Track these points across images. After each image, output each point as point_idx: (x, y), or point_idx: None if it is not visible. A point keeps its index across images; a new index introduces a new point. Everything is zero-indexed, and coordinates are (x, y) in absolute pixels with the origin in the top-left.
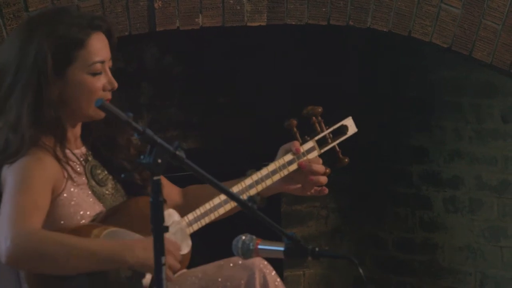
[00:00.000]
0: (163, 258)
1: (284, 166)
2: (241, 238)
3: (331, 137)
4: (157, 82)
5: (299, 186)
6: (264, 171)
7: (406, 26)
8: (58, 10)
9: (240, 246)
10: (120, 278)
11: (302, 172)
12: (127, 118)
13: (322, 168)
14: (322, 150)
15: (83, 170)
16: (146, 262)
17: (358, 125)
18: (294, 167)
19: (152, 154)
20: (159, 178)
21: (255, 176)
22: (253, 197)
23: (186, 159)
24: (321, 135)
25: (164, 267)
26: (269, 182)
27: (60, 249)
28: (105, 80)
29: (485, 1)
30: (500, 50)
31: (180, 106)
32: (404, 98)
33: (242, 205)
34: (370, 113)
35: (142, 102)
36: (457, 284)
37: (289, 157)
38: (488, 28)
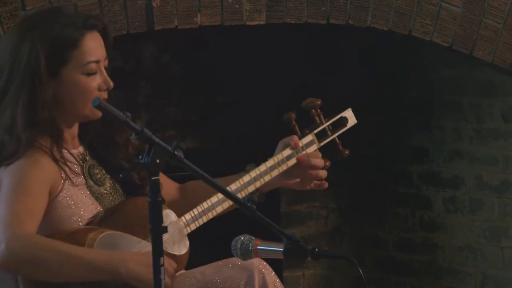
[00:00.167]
0: (162, 259)
1: (282, 161)
2: (240, 238)
3: (331, 129)
4: (155, 81)
5: (298, 180)
6: (262, 167)
7: (406, 25)
8: (53, 10)
9: (239, 246)
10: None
11: (301, 166)
12: (125, 118)
13: (321, 162)
14: (322, 143)
15: (81, 170)
16: (139, 277)
17: (358, 125)
18: (293, 162)
19: (150, 154)
20: (158, 178)
21: (253, 173)
22: (252, 197)
23: (184, 159)
24: (320, 128)
25: (162, 268)
26: (267, 178)
27: (54, 256)
28: (100, 80)
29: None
30: (501, 49)
31: (178, 106)
32: (404, 97)
33: (241, 205)
34: (370, 112)
35: (140, 101)
36: (457, 284)
37: (287, 152)
38: (489, 27)
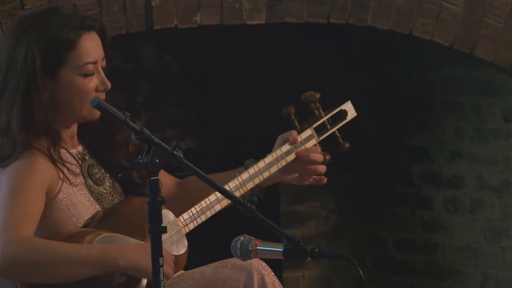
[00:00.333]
0: (161, 259)
1: (281, 157)
2: (239, 239)
3: (330, 122)
4: (155, 81)
5: (297, 175)
6: (261, 164)
7: (407, 24)
8: (49, 10)
9: (239, 247)
10: (113, 285)
11: (300, 161)
12: (124, 118)
13: (320, 157)
14: (321, 138)
15: (80, 169)
16: (137, 266)
17: (358, 124)
18: (292, 157)
19: (149, 154)
20: (157, 178)
21: (252, 170)
22: (251, 197)
23: (184, 159)
24: (319, 122)
25: (161, 269)
26: (266, 174)
27: (49, 257)
28: (97, 80)
29: None
30: (502, 49)
31: (178, 105)
32: (404, 97)
33: (241, 205)
34: (370, 112)
35: (139, 101)
36: (457, 285)
37: (286, 147)
38: (490, 26)
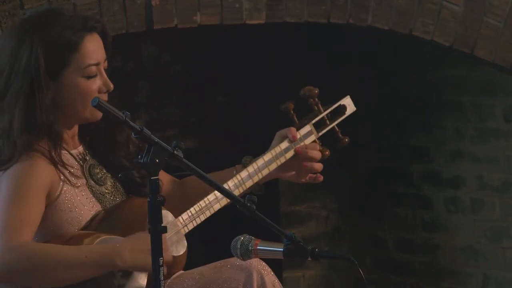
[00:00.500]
0: (161, 259)
1: (281, 154)
2: (239, 239)
3: (329, 118)
4: (155, 80)
5: (294, 173)
6: (260, 161)
7: (407, 24)
8: (51, 11)
9: (239, 247)
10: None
11: (298, 158)
12: (124, 117)
13: (318, 154)
14: (320, 133)
15: (81, 170)
16: (136, 264)
17: (359, 124)
18: (291, 154)
19: (149, 153)
20: (157, 177)
21: (251, 167)
22: (252, 197)
23: (184, 159)
24: (318, 117)
25: (162, 269)
26: (265, 172)
27: (48, 260)
28: (100, 82)
29: None
30: (502, 49)
31: (178, 105)
32: (404, 97)
33: (241, 205)
34: (370, 112)
35: (139, 101)
36: (458, 285)
37: (285, 144)
38: (490, 26)
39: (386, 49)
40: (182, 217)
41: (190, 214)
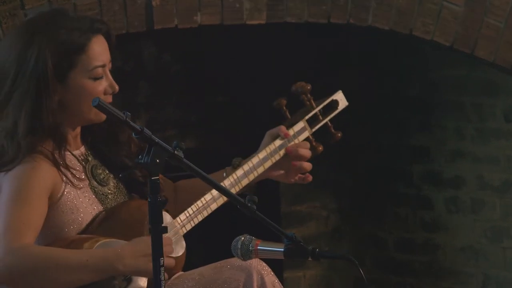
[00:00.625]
0: (162, 259)
1: (275, 151)
2: (240, 239)
3: (322, 113)
4: (155, 80)
5: (283, 172)
6: (255, 160)
7: (407, 24)
8: (56, 12)
9: (239, 247)
10: None
11: (287, 158)
12: (125, 117)
13: (307, 152)
14: (313, 129)
15: (84, 170)
16: (138, 269)
17: (359, 124)
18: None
19: (150, 153)
20: (158, 178)
21: (246, 166)
22: (252, 197)
23: (184, 159)
24: (311, 113)
25: (162, 269)
26: (261, 170)
27: (50, 263)
28: (106, 83)
29: None
30: (502, 49)
31: (178, 105)
32: (405, 97)
33: (242, 205)
34: (370, 112)
35: (140, 101)
36: (458, 285)
37: (279, 141)
38: (490, 26)
39: (386, 49)
40: (180, 217)
41: (187, 215)
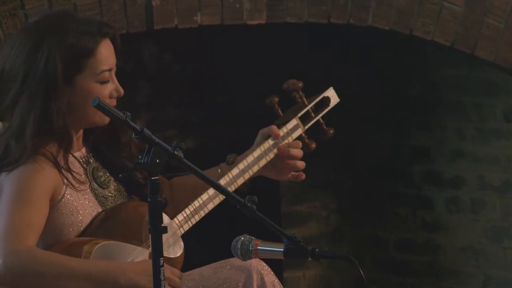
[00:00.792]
0: (162, 259)
1: (269, 150)
2: (240, 239)
3: (314, 110)
4: (155, 81)
5: (277, 170)
6: (250, 158)
7: (407, 24)
8: (64, 15)
9: (239, 247)
10: None
11: (281, 156)
12: (125, 118)
13: (299, 152)
14: (306, 127)
15: (85, 172)
16: (137, 285)
17: (359, 124)
18: None
19: (150, 153)
20: (158, 178)
21: (242, 164)
22: (252, 197)
23: (184, 159)
24: (304, 111)
25: (162, 269)
26: (256, 168)
27: (51, 269)
28: (112, 87)
29: None
30: (503, 49)
31: (178, 105)
32: (405, 97)
33: (242, 206)
34: (371, 112)
35: (140, 101)
36: (459, 285)
37: (272, 140)
38: (490, 26)
39: (386, 49)
40: (177, 218)
41: (185, 215)
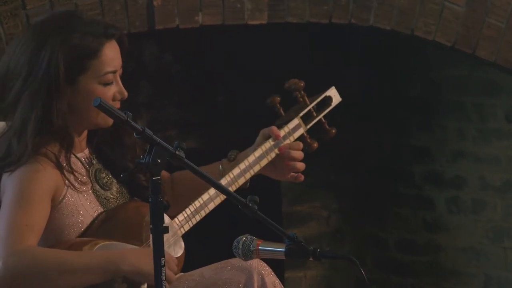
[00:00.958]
0: (163, 259)
1: (271, 149)
2: (241, 239)
3: (316, 109)
4: (156, 80)
5: (276, 170)
6: (251, 158)
7: (409, 24)
8: (70, 15)
9: (240, 247)
10: None
11: (281, 156)
12: (126, 118)
13: (300, 154)
14: (308, 126)
15: (87, 173)
16: (139, 270)
17: (360, 124)
18: None
19: (151, 154)
20: (159, 178)
21: (243, 164)
22: (253, 197)
23: (185, 159)
24: (305, 110)
25: (163, 269)
26: (257, 168)
27: (52, 265)
28: (115, 89)
29: None
30: (504, 49)
31: (179, 105)
32: (406, 97)
33: (243, 206)
34: (371, 112)
35: (141, 101)
36: (460, 285)
37: (274, 140)
38: (491, 26)
39: (388, 49)
40: (178, 218)
41: (185, 215)
